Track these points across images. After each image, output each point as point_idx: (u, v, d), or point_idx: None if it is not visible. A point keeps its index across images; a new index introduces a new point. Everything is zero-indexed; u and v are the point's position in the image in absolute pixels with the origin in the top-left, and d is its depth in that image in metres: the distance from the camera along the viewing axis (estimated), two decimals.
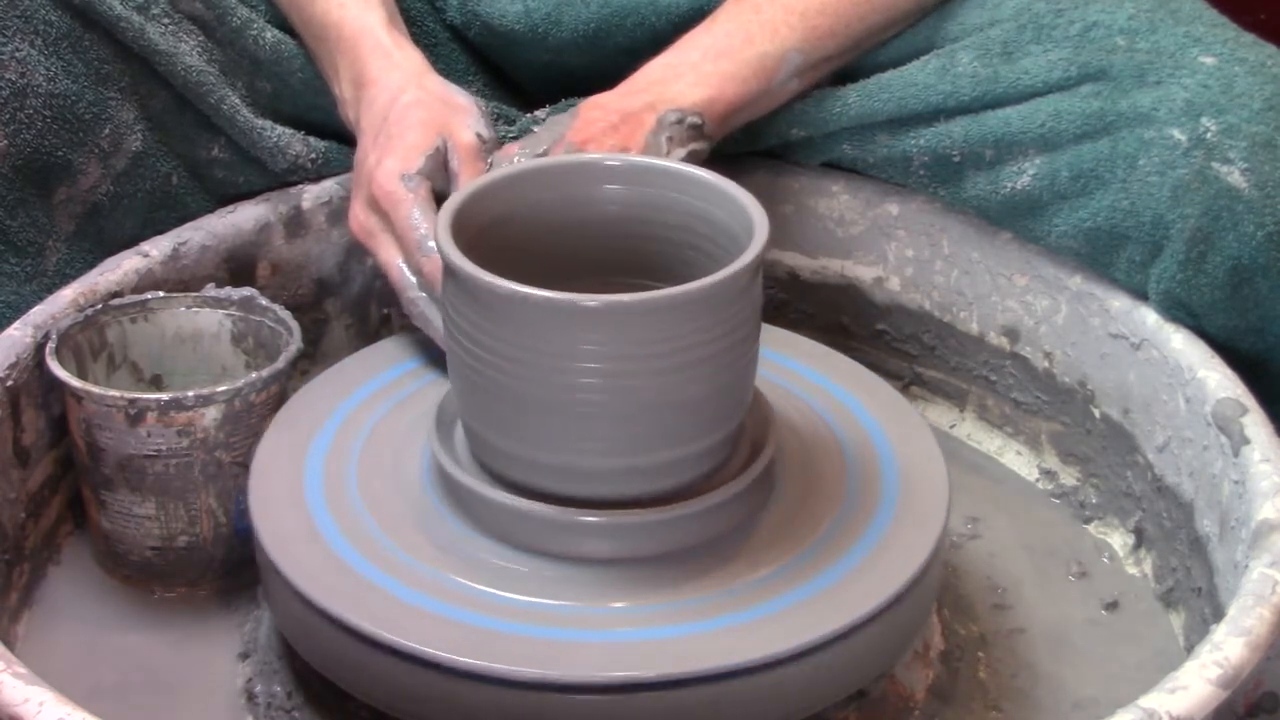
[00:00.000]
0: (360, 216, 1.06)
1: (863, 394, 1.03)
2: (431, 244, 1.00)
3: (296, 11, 1.19)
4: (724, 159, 1.10)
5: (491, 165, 1.06)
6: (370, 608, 0.85)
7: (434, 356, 1.04)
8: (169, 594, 1.03)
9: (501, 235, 0.92)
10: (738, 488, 0.90)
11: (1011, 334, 1.16)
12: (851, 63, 1.17)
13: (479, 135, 1.06)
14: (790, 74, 1.13)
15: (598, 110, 1.09)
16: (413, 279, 1.03)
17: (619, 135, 1.06)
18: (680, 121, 1.07)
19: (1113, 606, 1.05)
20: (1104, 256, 1.08)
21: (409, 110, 1.07)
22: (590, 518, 0.88)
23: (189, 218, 1.15)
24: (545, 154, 1.05)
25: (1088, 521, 1.12)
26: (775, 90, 1.13)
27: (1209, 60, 1.04)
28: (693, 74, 1.10)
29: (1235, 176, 1.01)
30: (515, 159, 1.05)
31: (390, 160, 1.04)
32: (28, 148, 1.08)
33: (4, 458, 0.99)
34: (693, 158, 1.07)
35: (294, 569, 0.88)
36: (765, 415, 0.94)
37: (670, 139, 1.06)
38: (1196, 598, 1.00)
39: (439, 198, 1.02)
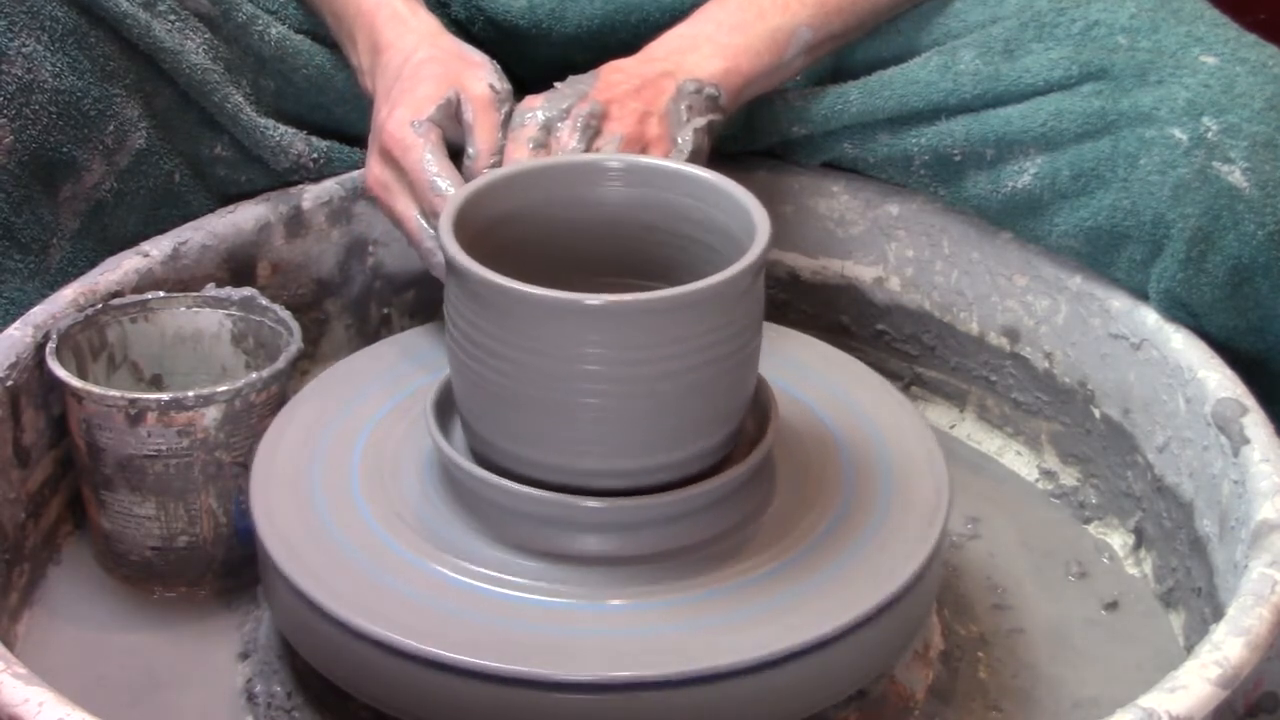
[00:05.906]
0: (375, 170, 1.07)
1: (862, 393, 1.03)
2: (443, 184, 1.01)
3: None
4: (724, 159, 1.10)
5: (509, 117, 1.06)
6: (370, 607, 0.85)
7: (435, 355, 1.04)
8: (169, 594, 1.03)
9: (503, 234, 0.92)
10: (739, 473, 0.89)
11: (1011, 334, 1.16)
12: (853, 46, 1.18)
13: (492, 87, 1.07)
14: (800, 50, 1.13)
15: (620, 74, 1.09)
16: (429, 229, 1.03)
17: (642, 99, 1.07)
18: (699, 91, 1.08)
19: (1112, 606, 1.05)
20: (1104, 256, 1.08)
21: (422, 66, 1.08)
22: (591, 503, 0.87)
23: (191, 216, 1.15)
24: (568, 110, 1.06)
25: (1088, 521, 1.12)
26: (785, 65, 1.14)
27: (1210, 60, 1.04)
28: (709, 45, 1.11)
29: (1236, 176, 1.01)
30: (537, 112, 1.05)
31: (401, 110, 1.05)
32: (33, 144, 1.07)
33: (4, 458, 0.99)
34: (709, 129, 1.07)
35: (295, 568, 0.88)
36: (765, 409, 0.94)
37: (689, 108, 1.07)
38: (1196, 598, 1.00)
39: (452, 149, 1.04)
